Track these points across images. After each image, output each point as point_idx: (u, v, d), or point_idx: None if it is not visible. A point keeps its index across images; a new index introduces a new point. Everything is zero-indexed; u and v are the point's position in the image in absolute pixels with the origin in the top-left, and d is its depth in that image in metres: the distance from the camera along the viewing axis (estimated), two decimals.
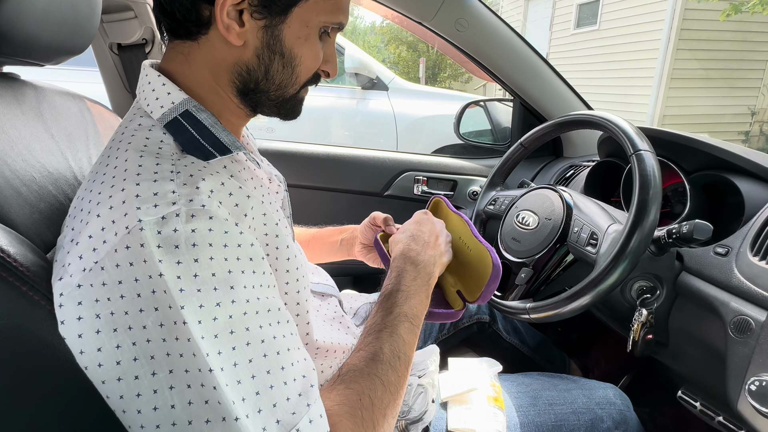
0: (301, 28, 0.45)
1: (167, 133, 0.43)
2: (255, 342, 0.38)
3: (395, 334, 0.49)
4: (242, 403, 0.35)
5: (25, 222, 0.40)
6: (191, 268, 0.36)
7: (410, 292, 0.55)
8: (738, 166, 0.74)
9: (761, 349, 0.58)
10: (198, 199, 0.38)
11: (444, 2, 1.02)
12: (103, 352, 0.35)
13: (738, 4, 4.91)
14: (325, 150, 1.30)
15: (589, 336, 1.30)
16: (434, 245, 0.64)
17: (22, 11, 0.45)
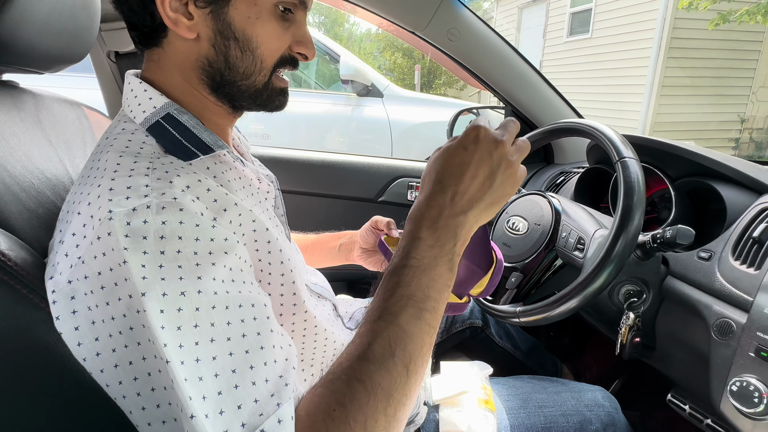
0: (249, 7, 0.44)
1: (149, 136, 0.44)
2: (220, 339, 0.36)
3: (393, 324, 0.39)
4: (202, 402, 0.34)
5: (24, 227, 0.41)
6: (157, 258, 0.35)
7: (422, 266, 0.41)
8: (720, 173, 0.76)
9: (742, 350, 0.59)
10: (170, 192, 0.38)
11: (436, 12, 1.04)
12: (100, 341, 0.36)
13: (726, 14, 5.01)
14: (319, 156, 1.32)
15: (581, 340, 1.31)
16: (475, 187, 0.43)
17: (23, 21, 0.47)
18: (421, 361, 0.39)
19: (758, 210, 0.67)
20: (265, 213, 0.51)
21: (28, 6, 0.46)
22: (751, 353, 0.58)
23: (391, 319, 0.39)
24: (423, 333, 0.39)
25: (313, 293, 0.64)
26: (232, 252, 0.40)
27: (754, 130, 6.06)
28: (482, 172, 0.43)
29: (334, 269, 0.88)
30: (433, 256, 0.41)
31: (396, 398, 0.37)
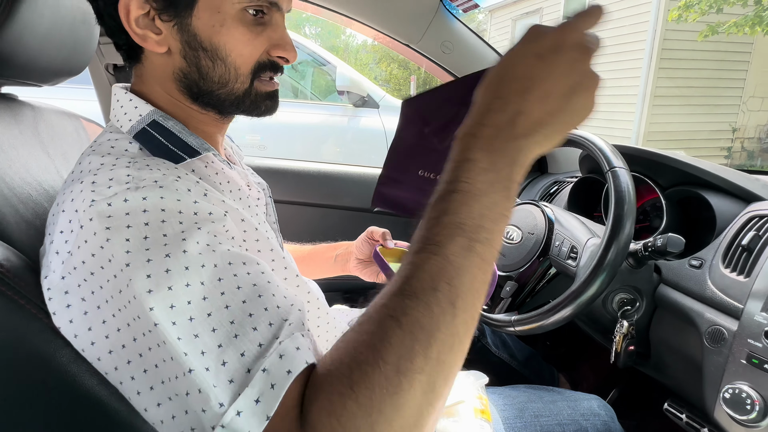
0: (213, 15, 0.43)
1: (134, 142, 0.44)
2: (213, 295, 0.34)
3: (437, 255, 0.32)
4: (201, 357, 0.32)
5: (22, 237, 0.42)
6: (141, 230, 0.35)
7: (474, 192, 0.33)
8: (709, 182, 0.78)
9: (734, 357, 0.60)
10: (151, 176, 0.38)
11: (430, 26, 1.06)
12: (93, 330, 0.36)
13: (715, 26, 5.11)
14: (315, 167, 1.33)
15: (578, 350, 1.31)
16: (543, 106, 0.34)
17: (24, 36, 0.47)
18: (471, 298, 0.32)
19: (747, 218, 0.69)
20: (255, 218, 0.51)
21: (30, 21, 0.47)
22: (742, 360, 0.59)
23: (435, 249, 0.32)
24: (474, 267, 0.32)
25: None
26: (219, 222, 0.39)
27: (746, 139, 6.14)
28: (558, 90, 0.34)
29: (329, 279, 0.88)
30: (487, 181, 0.33)
31: (440, 339, 0.30)
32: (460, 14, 1.10)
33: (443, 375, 0.31)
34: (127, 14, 0.42)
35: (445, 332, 0.31)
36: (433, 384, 0.30)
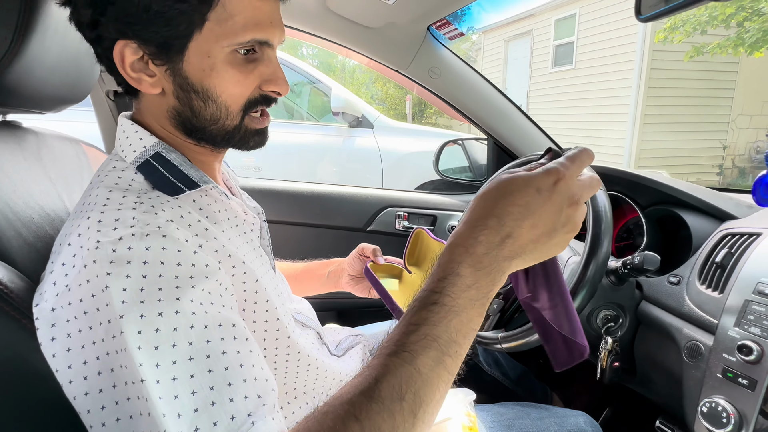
0: (202, 60, 0.45)
1: (138, 173, 0.46)
2: (199, 357, 0.36)
3: (409, 364, 0.34)
4: (177, 419, 0.34)
5: (24, 260, 0.44)
6: (139, 282, 0.36)
7: (456, 307, 0.36)
8: (685, 201, 0.81)
9: (711, 372, 0.62)
10: (155, 222, 0.40)
11: (418, 52, 1.11)
12: (72, 369, 0.36)
13: (699, 47, 5.26)
14: (309, 187, 1.36)
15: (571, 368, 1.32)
16: (530, 234, 0.38)
17: (32, 68, 0.50)
18: (432, 409, 0.35)
19: (720, 236, 0.72)
20: (249, 244, 0.53)
21: (38, 54, 0.50)
22: (718, 374, 0.61)
23: (409, 357, 0.34)
24: (440, 380, 0.35)
25: (297, 322, 0.66)
26: (212, 277, 0.41)
27: (737, 156, 6.25)
28: (545, 224, 0.38)
29: (323, 298, 0.90)
30: (469, 298, 0.36)
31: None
32: (447, 41, 1.16)
33: None
34: (122, 60, 0.44)
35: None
36: None
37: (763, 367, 0.56)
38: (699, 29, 5.13)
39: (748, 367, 0.57)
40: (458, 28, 1.13)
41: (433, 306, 0.36)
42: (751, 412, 0.56)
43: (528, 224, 0.37)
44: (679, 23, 5.19)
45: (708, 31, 5.16)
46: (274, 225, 1.14)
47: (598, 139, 6.54)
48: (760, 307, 0.59)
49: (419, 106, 10.13)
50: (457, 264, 0.37)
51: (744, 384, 0.57)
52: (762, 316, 0.58)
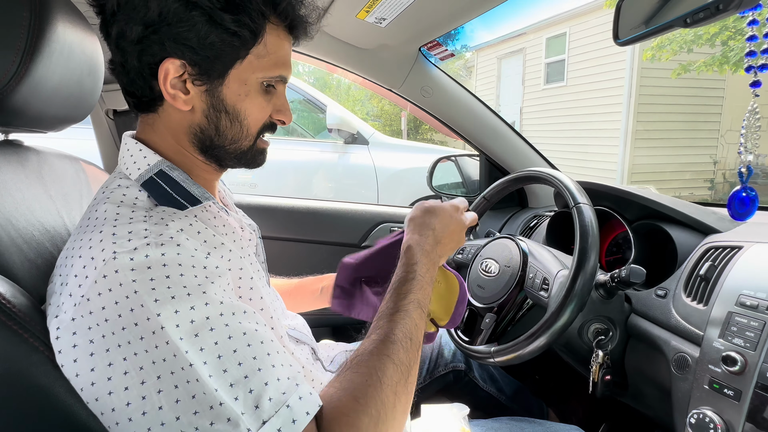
0: (240, 86, 0.51)
1: (143, 191, 0.49)
2: (236, 335, 0.41)
3: (408, 317, 0.52)
4: (230, 389, 0.38)
5: (25, 276, 0.45)
6: (164, 282, 0.40)
7: (423, 282, 0.58)
8: (670, 216, 0.83)
9: (698, 383, 0.63)
10: (167, 233, 0.44)
11: (410, 72, 1.14)
12: (96, 371, 0.38)
13: (686, 65, 5.39)
14: (304, 203, 1.38)
15: (568, 384, 1.32)
16: (445, 244, 0.66)
17: (37, 90, 0.52)
18: (420, 348, 0.54)
19: (704, 249, 0.73)
20: (247, 258, 0.55)
21: (43, 77, 0.52)
22: (705, 386, 0.62)
23: (406, 314, 0.53)
24: (421, 329, 0.55)
25: (291, 338, 0.67)
26: (224, 277, 0.46)
27: (727, 170, 6.35)
28: (452, 233, 0.68)
29: (318, 315, 0.90)
30: (428, 278, 0.60)
31: (413, 369, 0.51)
32: (438, 62, 1.19)
33: (406, 393, 0.49)
34: (165, 76, 0.48)
35: (414, 366, 0.51)
36: (409, 395, 0.50)
37: (746, 378, 0.57)
38: (685, 48, 5.27)
39: (733, 377, 0.58)
40: (449, 49, 1.17)
41: (411, 281, 0.58)
42: (737, 422, 0.57)
43: (447, 232, 0.67)
44: (666, 42, 5.33)
45: (694, 49, 5.29)
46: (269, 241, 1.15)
47: (591, 155, 6.63)
48: (742, 318, 0.60)
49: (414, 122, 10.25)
50: (418, 257, 0.61)
51: (729, 395, 0.58)
52: (744, 327, 0.60)
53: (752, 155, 0.48)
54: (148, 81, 0.49)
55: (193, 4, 0.46)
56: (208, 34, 0.47)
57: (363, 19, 0.96)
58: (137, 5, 0.46)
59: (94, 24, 0.66)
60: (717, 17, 0.44)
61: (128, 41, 0.48)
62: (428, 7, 0.90)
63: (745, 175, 0.51)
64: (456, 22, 0.96)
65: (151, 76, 0.49)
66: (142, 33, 0.46)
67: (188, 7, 0.46)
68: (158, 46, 0.47)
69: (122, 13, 0.47)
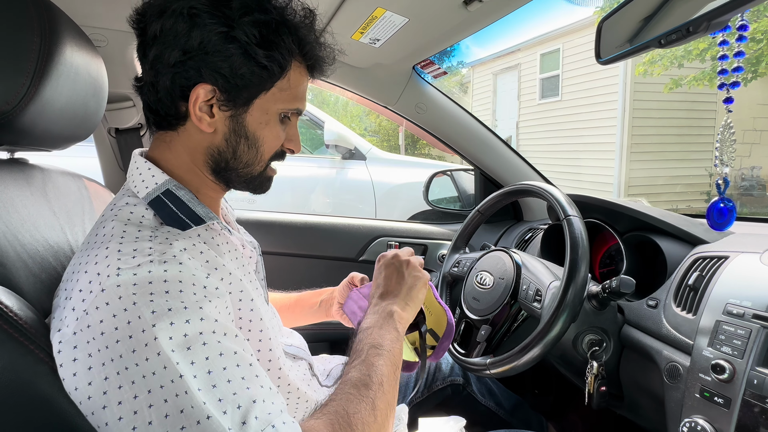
0: (262, 115, 0.55)
1: (149, 209, 0.51)
2: (227, 353, 0.42)
3: (363, 362, 0.54)
4: (218, 403, 0.39)
5: (30, 290, 0.46)
6: (162, 296, 0.42)
7: (374, 328, 0.60)
8: (659, 228, 0.85)
9: (689, 392, 0.64)
10: (170, 252, 0.46)
11: (404, 90, 1.18)
12: (93, 385, 0.39)
13: (677, 80, 5.49)
14: (302, 219, 1.39)
15: (567, 399, 1.32)
16: (393, 288, 0.68)
17: (44, 110, 0.54)
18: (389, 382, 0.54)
19: (692, 260, 0.75)
20: (247, 276, 0.58)
21: (50, 98, 0.53)
22: (696, 394, 0.63)
23: (360, 359, 0.55)
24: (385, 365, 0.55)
25: (288, 355, 0.68)
26: (222, 299, 0.47)
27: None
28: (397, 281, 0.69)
29: (316, 330, 0.91)
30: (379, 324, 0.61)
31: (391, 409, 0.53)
32: (431, 79, 1.23)
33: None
34: (195, 99, 0.51)
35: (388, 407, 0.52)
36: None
37: (735, 386, 0.58)
38: (676, 63, 5.38)
39: (722, 385, 0.59)
40: (443, 67, 1.20)
41: (360, 335, 0.59)
42: (727, 430, 0.58)
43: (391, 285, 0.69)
44: (657, 57, 5.44)
45: (684, 64, 5.40)
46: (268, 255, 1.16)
47: (587, 168, 6.69)
48: (729, 327, 0.62)
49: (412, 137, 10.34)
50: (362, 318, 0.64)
51: (719, 402, 0.59)
52: (732, 335, 0.61)
53: (728, 167, 0.50)
54: (176, 101, 0.52)
55: (232, 37, 0.50)
56: (241, 66, 0.51)
57: (358, 40, 1.00)
58: (180, 33, 0.49)
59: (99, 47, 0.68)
60: (688, 39, 0.46)
61: (164, 64, 0.51)
62: (420, 29, 0.93)
63: (722, 187, 0.53)
64: (448, 42, 1.00)
65: (180, 98, 0.52)
66: (179, 58, 0.50)
67: (227, 40, 0.50)
68: (194, 71, 0.51)
69: (163, 38, 0.50)
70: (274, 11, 0.52)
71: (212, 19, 0.49)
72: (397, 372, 0.56)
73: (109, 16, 0.96)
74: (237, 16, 0.50)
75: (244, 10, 0.50)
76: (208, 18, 0.49)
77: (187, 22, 0.49)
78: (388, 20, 0.90)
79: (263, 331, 0.55)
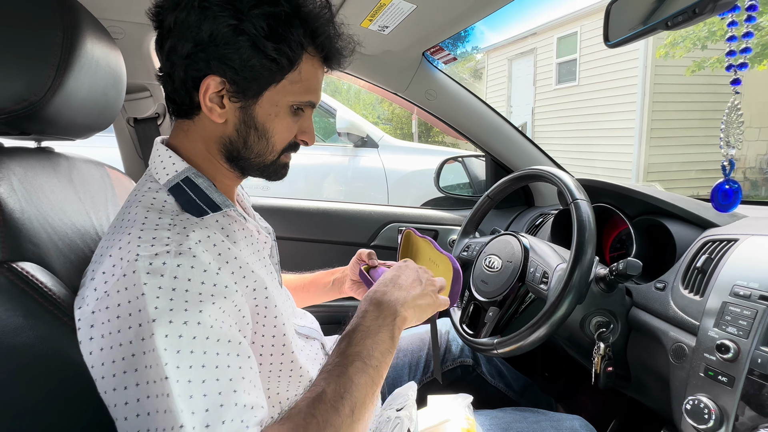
0: (272, 107, 0.56)
1: (170, 195, 0.54)
2: (210, 366, 0.43)
3: (343, 374, 0.49)
4: (191, 416, 0.40)
5: (61, 269, 0.50)
6: (169, 293, 0.43)
7: (369, 332, 0.54)
8: (668, 211, 0.85)
9: (694, 371, 0.65)
10: (186, 243, 0.47)
11: (414, 76, 1.18)
12: (105, 366, 0.42)
13: (700, 62, 5.31)
14: (315, 205, 1.42)
15: (577, 381, 1.33)
16: (407, 287, 0.63)
17: (68, 101, 0.57)
18: (364, 408, 0.49)
19: (702, 243, 0.75)
20: (262, 261, 0.60)
21: (74, 88, 0.56)
22: (701, 373, 0.64)
23: (341, 371, 0.50)
24: (366, 385, 0.50)
25: (300, 335, 0.71)
26: (229, 298, 0.48)
27: (747, 168, 6.20)
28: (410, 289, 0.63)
29: (328, 311, 0.94)
30: (377, 325, 0.56)
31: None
32: (442, 65, 1.23)
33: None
34: (205, 90, 0.53)
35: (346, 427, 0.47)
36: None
37: (739, 365, 0.59)
38: (699, 44, 5.19)
39: (727, 365, 0.60)
40: (454, 53, 1.20)
41: (353, 332, 0.54)
42: (730, 408, 0.59)
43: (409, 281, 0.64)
44: (679, 39, 5.26)
45: (708, 45, 5.21)
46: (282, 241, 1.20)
47: (605, 154, 6.56)
48: (735, 308, 0.62)
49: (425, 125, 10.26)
50: (367, 306, 0.59)
51: (723, 381, 0.60)
52: (738, 316, 0.61)
53: (734, 149, 0.50)
54: (190, 92, 0.54)
55: (240, 30, 0.51)
56: (250, 58, 0.52)
57: (367, 28, 1.00)
58: (191, 25, 0.51)
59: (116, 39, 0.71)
60: (695, 20, 0.47)
61: (178, 55, 0.53)
62: (428, 15, 0.93)
63: (727, 169, 0.53)
64: (457, 27, 1.00)
65: (194, 88, 0.54)
66: (191, 50, 0.52)
67: (236, 33, 0.51)
68: (204, 63, 0.52)
69: (177, 30, 0.52)
70: (286, 4, 0.52)
71: (223, 11, 0.50)
72: (375, 393, 0.51)
73: (126, 8, 0.99)
74: (247, 8, 0.51)
75: (255, 3, 0.51)
76: (218, 10, 0.50)
77: (198, 15, 0.50)
78: (396, 7, 0.90)
79: (277, 317, 0.58)
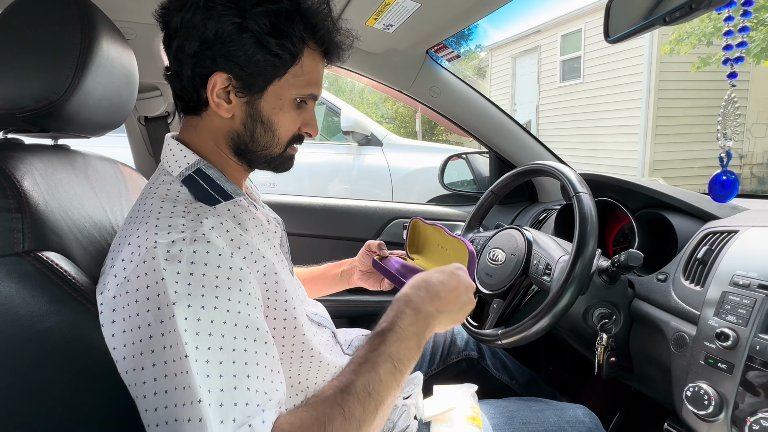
0: (276, 100, 0.58)
1: (183, 186, 0.56)
2: (227, 349, 0.44)
3: (374, 371, 0.50)
4: (207, 394, 0.42)
5: (80, 259, 0.52)
6: (187, 278, 0.45)
7: (403, 336, 0.54)
8: (670, 204, 0.86)
9: (694, 359, 0.66)
10: (201, 230, 0.49)
11: (419, 74, 1.20)
12: (126, 347, 0.45)
13: (705, 58, 5.27)
14: (321, 201, 1.44)
15: (581, 374, 1.35)
16: (446, 301, 0.61)
17: (85, 100, 0.59)
18: (386, 406, 0.50)
19: (702, 234, 0.76)
20: (272, 249, 0.62)
21: (90, 88, 0.59)
22: (701, 361, 0.65)
23: (372, 366, 0.50)
24: (392, 387, 0.51)
25: (313, 322, 0.73)
26: (245, 281, 0.50)
27: (754, 165, 6.17)
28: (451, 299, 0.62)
29: (335, 306, 0.96)
30: (412, 331, 0.56)
31: (364, 430, 0.47)
32: (445, 63, 1.24)
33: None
34: (213, 87, 0.55)
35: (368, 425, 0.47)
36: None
37: (738, 352, 0.60)
38: (704, 40, 5.16)
39: (726, 352, 0.62)
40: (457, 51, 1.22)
41: (388, 332, 0.54)
42: (730, 394, 0.60)
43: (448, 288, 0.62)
44: (684, 35, 5.23)
45: (714, 42, 5.18)
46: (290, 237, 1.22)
47: (610, 151, 6.53)
48: (735, 297, 0.63)
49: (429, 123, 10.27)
50: (402, 308, 0.57)
51: (723, 368, 0.61)
52: (737, 305, 0.63)
53: (731, 141, 0.52)
54: (198, 89, 0.57)
55: (244, 27, 0.53)
56: (255, 54, 0.54)
57: (372, 26, 1.02)
58: (197, 25, 0.53)
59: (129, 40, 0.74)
60: (691, 16, 0.48)
61: (185, 54, 0.55)
62: (432, 13, 0.95)
63: (725, 160, 0.54)
64: (461, 25, 1.01)
65: (201, 86, 0.56)
66: (198, 48, 0.54)
67: (240, 30, 0.53)
68: (210, 60, 0.54)
69: (183, 29, 0.54)
70: (286, 0, 0.54)
71: (226, 10, 0.52)
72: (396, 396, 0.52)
73: (138, 9, 1.01)
74: (249, 6, 0.53)
75: (257, 1, 0.53)
76: (222, 9, 0.52)
77: (203, 14, 0.53)
78: (400, 6, 0.92)
79: (288, 301, 0.60)
